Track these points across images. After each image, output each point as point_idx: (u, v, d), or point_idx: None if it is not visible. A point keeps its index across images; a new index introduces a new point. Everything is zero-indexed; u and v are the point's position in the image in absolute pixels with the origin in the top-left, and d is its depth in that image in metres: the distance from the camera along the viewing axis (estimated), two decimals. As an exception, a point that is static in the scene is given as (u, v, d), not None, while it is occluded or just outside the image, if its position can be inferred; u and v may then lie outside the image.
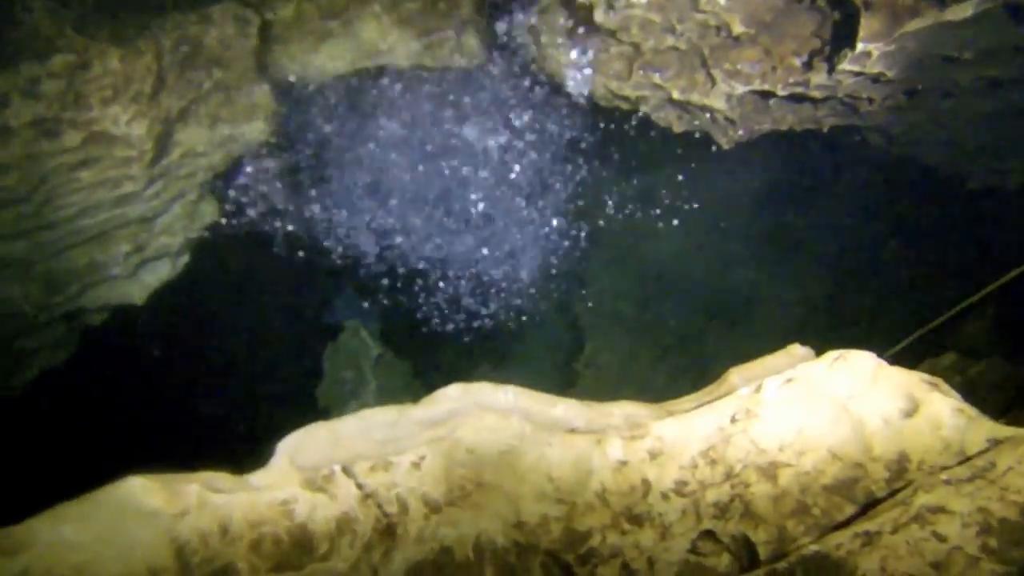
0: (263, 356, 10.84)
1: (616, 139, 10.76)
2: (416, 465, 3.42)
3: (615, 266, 12.28)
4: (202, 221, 8.27)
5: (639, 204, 12.16)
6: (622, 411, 3.92)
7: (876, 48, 6.36)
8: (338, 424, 3.79)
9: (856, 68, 6.63)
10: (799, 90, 7.16)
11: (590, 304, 12.34)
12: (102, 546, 2.81)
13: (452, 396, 3.93)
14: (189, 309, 9.34)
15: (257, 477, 3.39)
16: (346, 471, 3.33)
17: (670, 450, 3.41)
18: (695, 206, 11.56)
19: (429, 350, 12.50)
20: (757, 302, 11.47)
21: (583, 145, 11.05)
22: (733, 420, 3.40)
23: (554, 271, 12.60)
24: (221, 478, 3.27)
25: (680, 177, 11.59)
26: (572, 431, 3.59)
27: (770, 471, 3.22)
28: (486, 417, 3.60)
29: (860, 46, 6.36)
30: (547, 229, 12.32)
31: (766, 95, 7.31)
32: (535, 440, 3.50)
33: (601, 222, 12.33)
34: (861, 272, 10.86)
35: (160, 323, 8.95)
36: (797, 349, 4.10)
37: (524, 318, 12.78)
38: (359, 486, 3.29)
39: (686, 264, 11.93)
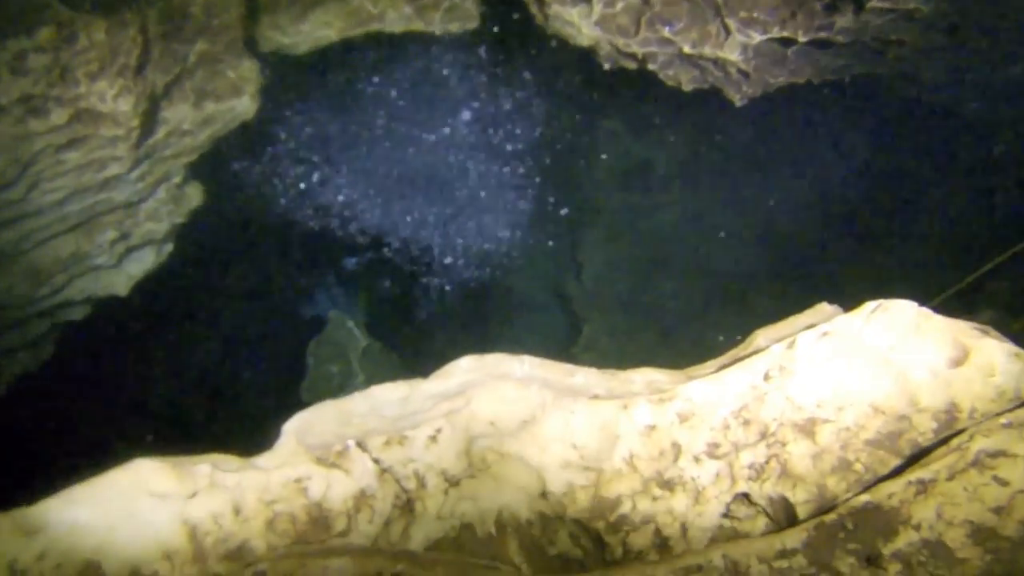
0: (247, 348, 10.60)
1: (619, 101, 10.51)
2: (433, 439, 3.24)
3: (611, 243, 12.05)
4: (187, 206, 7.99)
5: (639, 174, 11.94)
6: (643, 378, 3.74)
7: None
8: (346, 402, 3.60)
9: (887, 4, 6.30)
10: (822, 35, 6.82)
11: (584, 284, 12.10)
12: (116, 529, 2.72)
13: (465, 368, 3.75)
14: (173, 301, 9.05)
15: (264, 459, 3.20)
16: (361, 446, 3.14)
17: (700, 412, 3.24)
18: (700, 174, 11.32)
19: (418, 339, 12.27)
20: (760, 278, 11.25)
21: (580, 110, 10.81)
22: (766, 377, 3.23)
23: (547, 249, 12.40)
24: (229, 460, 3.08)
25: (690, 141, 11.30)
26: (595, 397, 3.42)
27: (808, 428, 3.05)
28: (503, 387, 3.42)
29: None
30: (541, 205, 12.13)
31: (785, 43, 7.04)
32: (557, 408, 3.32)
33: (598, 194, 12.11)
34: (881, 244, 10.59)
35: (144, 316, 8.68)
36: (825, 307, 3.92)
37: (516, 299, 12.57)
38: (375, 461, 3.10)
39: (686, 239, 11.71)
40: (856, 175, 10.35)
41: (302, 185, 10.29)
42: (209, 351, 9.65)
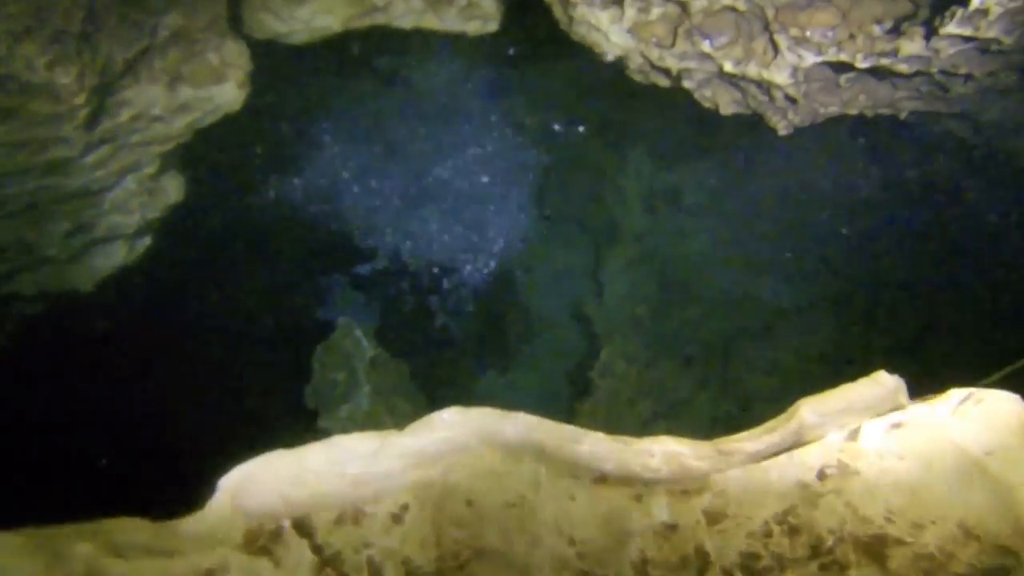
0: (242, 356, 9.94)
1: (649, 122, 9.80)
2: (397, 518, 2.59)
3: (635, 267, 11.41)
4: (164, 200, 7.23)
5: (667, 199, 11.28)
6: (663, 449, 3.06)
7: (999, 5, 5.25)
8: (301, 454, 2.94)
9: (965, 31, 5.45)
10: (884, 62, 5.98)
11: (605, 307, 11.46)
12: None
13: (448, 423, 3.08)
14: (152, 300, 8.32)
15: (188, 524, 2.55)
16: (300, 527, 2.49)
17: (735, 511, 2.56)
18: (734, 203, 10.62)
19: (428, 351, 11.67)
20: (791, 314, 10.57)
21: (608, 129, 10.16)
22: (822, 476, 2.55)
23: (569, 269, 11.82)
24: (132, 529, 2.42)
25: (724, 169, 10.59)
26: (602, 479, 2.75)
27: (876, 549, 2.37)
28: (490, 456, 2.77)
29: (976, 2, 5.25)
30: (563, 223, 11.56)
31: (840, 68, 6.26)
32: (553, 490, 2.66)
33: (623, 218, 11.48)
34: (920, 292, 9.87)
35: (115, 315, 7.93)
36: (885, 378, 3.21)
37: (533, 317, 11.98)
38: (316, 548, 2.45)
39: (713, 268, 11.04)
40: (900, 219, 9.61)
41: (297, 185, 9.66)
42: (187, 355, 8.96)
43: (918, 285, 9.86)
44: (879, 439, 2.55)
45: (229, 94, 6.70)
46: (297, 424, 10.21)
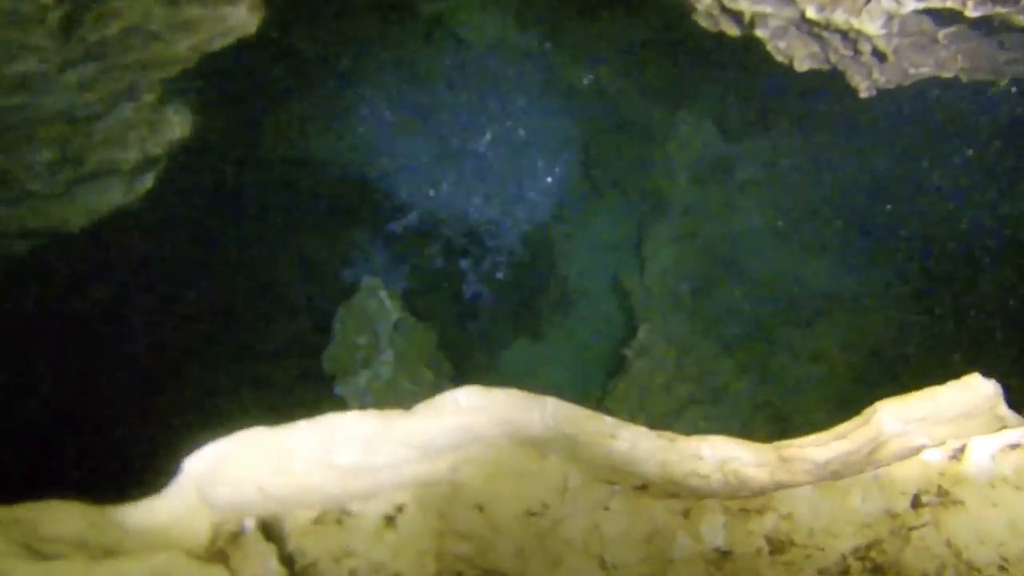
0: (252, 313, 9.46)
1: (709, 81, 9.13)
2: (390, 522, 2.14)
3: (679, 242, 10.87)
4: (169, 134, 6.60)
5: (720, 170, 10.69)
6: (715, 453, 2.59)
7: None
8: (286, 434, 2.49)
9: None
10: (1001, 10, 5.12)
11: (646, 282, 10.95)
12: None
13: (463, 405, 2.61)
14: (151, 246, 7.82)
15: (137, 514, 2.13)
16: (270, 528, 2.05)
17: (805, 540, 2.08)
18: (794, 177, 9.97)
19: (457, 318, 11.23)
20: (845, 301, 9.96)
21: (663, 87, 9.54)
22: (917, 503, 2.06)
23: (608, 240, 11.33)
24: (64, 516, 1.99)
25: (791, 136, 9.89)
26: (642, 488, 2.28)
27: (985, 604, 1.89)
28: (510, 451, 2.31)
29: None
30: (606, 190, 11.04)
31: (943, 19, 5.60)
32: (584, 498, 2.20)
33: (670, 188, 10.93)
34: (996, 292, 9.17)
35: (108, 260, 7.42)
36: (979, 383, 2.69)
37: (570, 288, 11.52)
38: (287, 557, 2.01)
39: (763, 248, 10.47)
40: (984, 206, 8.88)
41: (320, 127, 9.10)
42: (190, 308, 8.50)
43: (995, 284, 9.19)
44: (990, 462, 2.06)
45: (240, 16, 6.03)
46: (310, 390, 9.77)
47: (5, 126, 6.00)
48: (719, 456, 2.57)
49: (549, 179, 11.13)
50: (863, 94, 6.32)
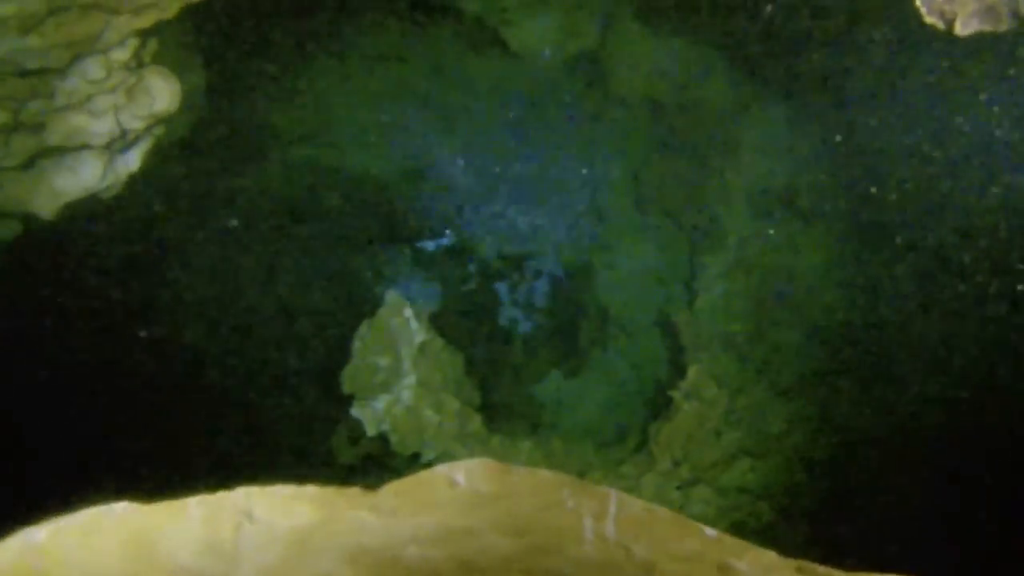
0: (262, 325, 8.64)
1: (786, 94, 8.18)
2: None
3: (733, 276, 9.99)
4: (149, 103, 5.60)
5: (781, 198, 9.79)
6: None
7: None
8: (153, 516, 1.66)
9: None
10: None
11: (696, 319, 10.07)
12: None
13: (461, 491, 1.76)
14: (136, 241, 6.95)
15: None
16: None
17: None
18: (867, 213, 9.02)
19: (488, 344, 10.43)
20: (918, 350, 8.98)
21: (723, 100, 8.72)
22: None
23: (656, 270, 10.53)
24: None
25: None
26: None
27: None
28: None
29: None
30: (656, 219, 10.27)
31: None
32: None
33: (726, 217, 10.07)
34: None
35: (82, 258, 6.53)
36: None
37: (612, 319, 10.73)
38: None
39: (826, 287, 9.55)
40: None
41: (339, 115, 8.32)
42: (190, 314, 7.67)
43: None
44: None
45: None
46: (326, 408, 8.99)
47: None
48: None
49: (594, 201, 10.46)
50: None
